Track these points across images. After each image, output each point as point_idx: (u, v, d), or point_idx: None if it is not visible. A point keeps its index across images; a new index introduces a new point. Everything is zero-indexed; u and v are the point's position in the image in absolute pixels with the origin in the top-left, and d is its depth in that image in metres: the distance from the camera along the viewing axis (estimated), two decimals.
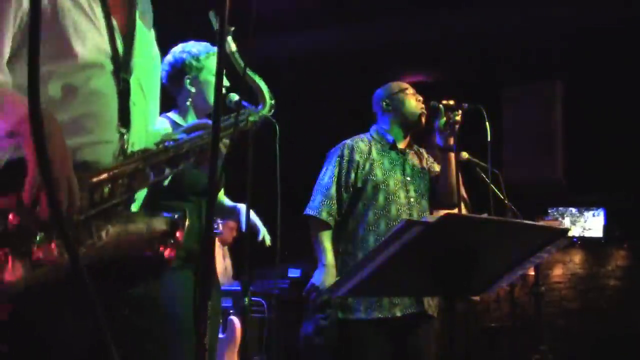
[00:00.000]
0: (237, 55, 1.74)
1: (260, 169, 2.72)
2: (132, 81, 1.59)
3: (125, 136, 1.55)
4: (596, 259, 7.18)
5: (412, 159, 3.12)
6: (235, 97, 2.61)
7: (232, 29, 1.73)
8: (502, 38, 5.69)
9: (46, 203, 1.30)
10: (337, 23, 5.75)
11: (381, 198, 2.97)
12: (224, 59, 1.30)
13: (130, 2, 1.65)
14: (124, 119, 1.55)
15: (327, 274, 2.90)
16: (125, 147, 1.55)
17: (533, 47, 5.82)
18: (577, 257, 7.22)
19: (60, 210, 0.81)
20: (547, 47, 5.82)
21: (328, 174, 3.05)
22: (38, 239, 1.35)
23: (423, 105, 3.09)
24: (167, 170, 1.58)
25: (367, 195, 2.98)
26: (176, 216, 1.51)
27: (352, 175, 3.01)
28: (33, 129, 0.80)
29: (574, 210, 7.07)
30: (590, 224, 7.02)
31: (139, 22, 1.66)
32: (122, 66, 1.56)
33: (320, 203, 3.00)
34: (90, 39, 1.51)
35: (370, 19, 5.66)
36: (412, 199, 3.00)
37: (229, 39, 1.71)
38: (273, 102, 1.81)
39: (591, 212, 7.01)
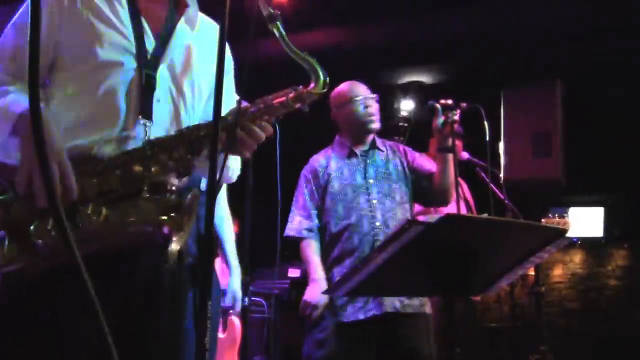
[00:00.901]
0: (286, 38, 1.72)
1: (261, 169, 2.72)
2: (161, 78, 1.63)
3: (147, 131, 1.58)
4: (596, 259, 7.18)
5: (377, 159, 3.13)
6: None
7: (279, 13, 1.72)
8: (502, 38, 5.69)
9: (40, 191, 1.34)
10: (337, 23, 5.75)
11: (340, 208, 3.01)
12: (223, 59, 1.30)
13: (173, 6, 1.72)
14: (146, 114, 1.59)
15: (317, 289, 2.92)
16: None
17: (533, 47, 5.82)
18: (577, 257, 7.22)
19: (54, 197, 0.82)
20: (547, 47, 5.81)
21: (300, 196, 3.12)
22: (33, 227, 1.40)
23: (371, 112, 3.11)
24: (189, 157, 1.54)
25: (327, 208, 3.05)
26: (186, 197, 1.50)
27: (315, 189, 3.08)
28: (32, 117, 0.80)
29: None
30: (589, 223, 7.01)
31: (181, 25, 1.72)
32: (148, 63, 1.61)
33: (299, 223, 3.06)
34: (108, 39, 1.58)
35: (370, 19, 5.66)
36: (374, 201, 3.01)
37: (278, 23, 1.71)
38: (327, 79, 1.76)
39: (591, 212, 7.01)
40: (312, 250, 3.02)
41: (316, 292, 2.91)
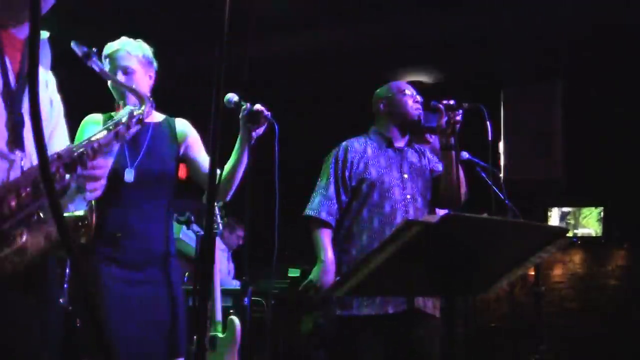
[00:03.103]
0: (106, 71, 1.85)
1: (259, 169, 2.72)
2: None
3: (22, 162, 1.66)
4: (596, 259, 7.18)
5: (411, 157, 3.14)
6: (234, 97, 2.60)
7: (94, 50, 1.91)
8: (502, 38, 5.69)
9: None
10: (337, 23, 5.75)
11: (375, 195, 3.00)
12: (223, 60, 1.30)
13: (25, 44, 1.75)
14: (18, 145, 1.66)
15: (324, 271, 2.92)
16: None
17: (533, 47, 5.82)
18: (577, 257, 7.23)
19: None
20: (547, 47, 5.82)
21: (325, 176, 3.11)
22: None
23: (419, 106, 3.11)
24: (68, 176, 1.66)
25: (362, 194, 3.02)
26: (82, 213, 1.66)
27: (347, 174, 3.05)
28: (35, 133, 0.79)
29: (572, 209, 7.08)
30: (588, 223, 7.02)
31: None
32: (14, 101, 1.67)
33: (319, 203, 3.05)
34: None
35: (370, 19, 5.66)
36: (408, 196, 3.01)
37: (95, 59, 1.89)
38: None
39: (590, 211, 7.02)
40: (326, 233, 3.02)
41: (322, 274, 2.91)
